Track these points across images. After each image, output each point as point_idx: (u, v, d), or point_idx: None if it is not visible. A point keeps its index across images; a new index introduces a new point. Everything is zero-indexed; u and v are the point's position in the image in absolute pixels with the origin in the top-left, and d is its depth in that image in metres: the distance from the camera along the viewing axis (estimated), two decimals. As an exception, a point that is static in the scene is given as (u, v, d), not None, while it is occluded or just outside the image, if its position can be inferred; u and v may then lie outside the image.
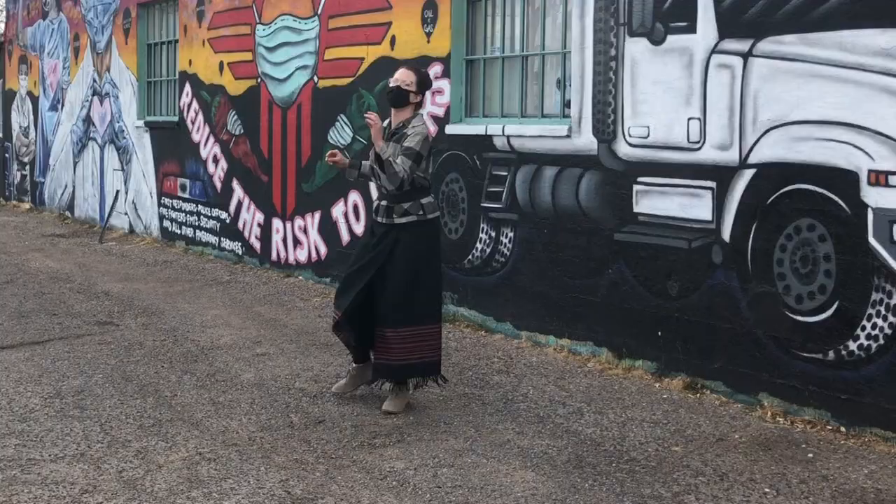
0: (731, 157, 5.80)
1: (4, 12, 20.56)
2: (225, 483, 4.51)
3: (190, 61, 11.98)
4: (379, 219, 5.56)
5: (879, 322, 5.07)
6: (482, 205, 7.67)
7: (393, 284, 5.47)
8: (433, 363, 5.58)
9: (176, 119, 12.49)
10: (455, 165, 7.90)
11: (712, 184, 5.92)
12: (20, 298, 9.02)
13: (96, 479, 4.58)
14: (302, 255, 9.98)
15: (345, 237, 9.27)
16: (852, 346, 5.18)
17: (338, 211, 9.38)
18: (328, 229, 9.52)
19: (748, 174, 5.71)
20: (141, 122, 13.35)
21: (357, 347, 5.73)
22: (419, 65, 8.12)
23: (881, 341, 5.08)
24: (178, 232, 12.42)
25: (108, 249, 12.52)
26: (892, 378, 5.04)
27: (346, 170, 5.76)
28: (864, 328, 5.14)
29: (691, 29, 6.01)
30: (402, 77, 5.54)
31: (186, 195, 12.19)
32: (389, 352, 5.49)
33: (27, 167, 17.96)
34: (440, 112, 8.04)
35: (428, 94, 8.01)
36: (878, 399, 5.08)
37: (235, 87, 10.99)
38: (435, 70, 8.03)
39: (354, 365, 5.82)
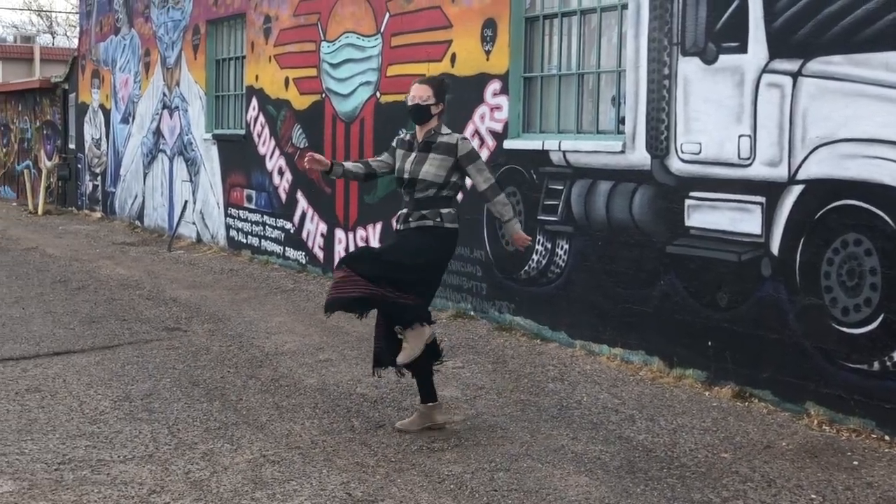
0: (781, 173, 5.89)
1: (78, 28, 20.89)
2: (288, 485, 4.60)
3: (257, 76, 12.23)
4: (399, 226, 5.54)
5: (924, 334, 5.13)
6: (538, 217, 7.78)
7: (396, 258, 5.36)
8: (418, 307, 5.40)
9: (243, 132, 12.71)
10: (512, 179, 8.03)
11: (762, 199, 6.00)
12: (91, 304, 9.21)
13: (164, 480, 4.66)
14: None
15: None
16: (897, 357, 5.24)
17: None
18: (389, 240, 9.73)
19: (797, 190, 5.80)
20: (209, 135, 13.59)
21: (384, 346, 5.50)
22: (478, 82, 8.35)
23: (926, 353, 5.13)
24: (244, 241, 12.64)
25: (176, 258, 12.73)
26: (937, 389, 5.10)
27: (329, 171, 5.60)
28: (908, 340, 5.21)
29: (742, 49, 6.11)
30: (419, 93, 5.43)
31: (252, 206, 12.41)
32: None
33: (99, 177, 18.24)
34: (499, 127, 8.18)
35: (485, 108, 8.23)
36: (922, 409, 5.14)
37: (300, 102, 11.23)
38: (494, 87, 8.20)
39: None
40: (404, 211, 5.50)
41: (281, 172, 11.63)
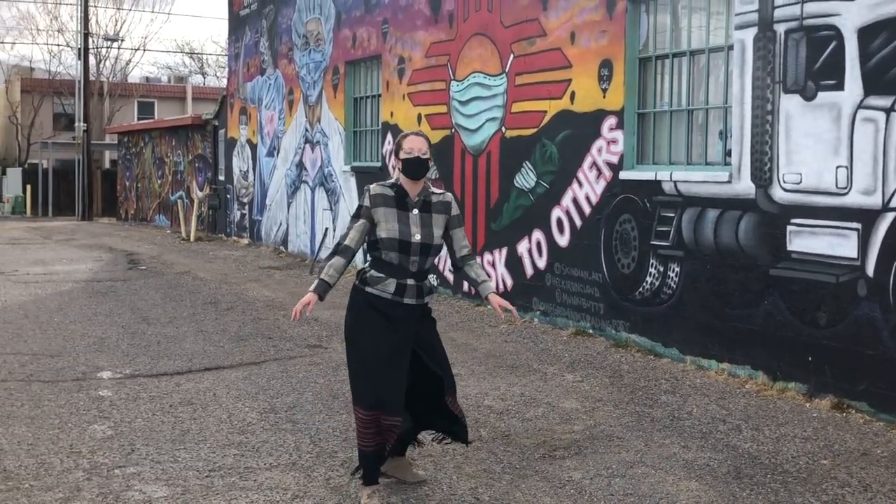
0: (875, 201, 6.15)
1: (227, 69, 21.46)
2: (420, 489, 4.78)
3: (391, 113, 12.78)
4: (407, 300, 4.62)
5: None
6: (651, 243, 8.09)
7: (440, 353, 4.81)
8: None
9: (378, 164, 13.24)
10: (627, 208, 8.38)
11: (858, 225, 6.26)
12: (239, 324, 9.60)
13: (306, 486, 4.81)
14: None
15: (528, 271, 9.82)
16: (984, 371, 5.47)
17: (522, 247, 9.93)
18: (514, 264, 10.05)
19: (890, 217, 6.05)
20: (347, 167, 14.16)
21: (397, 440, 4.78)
22: (595, 118, 8.76)
23: None
24: None
25: None
26: None
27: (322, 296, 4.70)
28: None
29: (839, 87, 6.38)
30: (420, 146, 4.69)
31: None
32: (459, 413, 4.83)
33: (246, 207, 18.88)
34: (615, 160, 8.54)
35: (602, 142, 8.70)
36: None
37: (432, 137, 11.19)
38: (610, 122, 8.58)
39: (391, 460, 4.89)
40: (410, 282, 4.63)
41: (414, 201, 12.13)
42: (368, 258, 4.77)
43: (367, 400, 4.57)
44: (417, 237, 4.62)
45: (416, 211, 4.66)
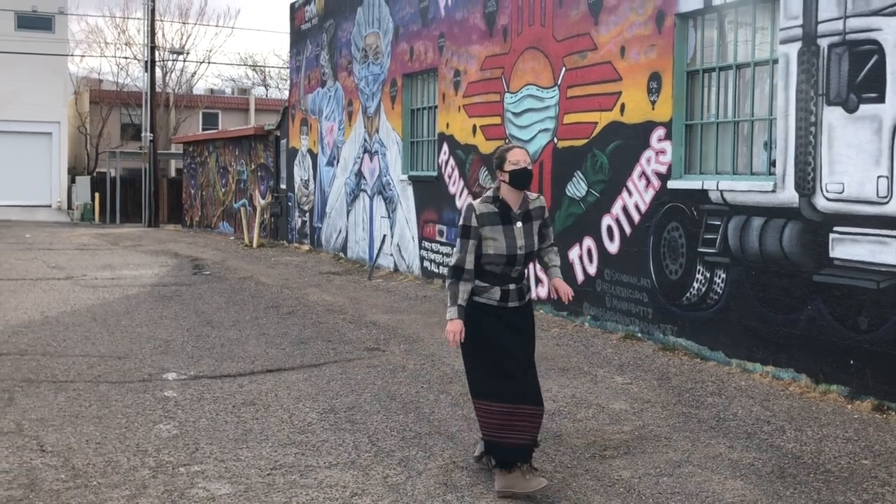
0: None
1: (288, 81, 21.73)
2: (475, 488, 4.87)
3: (447, 124, 13.03)
4: (511, 304, 4.87)
5: None
6: (698, 250, 8.25)
7: (532, 363, 4.96)
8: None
9: (435, 174, 13.50)
10: (675, 216, 8.55)
11: None
12: (300, 327, 9.73)
13: (365, 484, 4.91)
14: (542, 292, 10.70)
15: (580, 276, 10.01)
16: None
17: (574, 254, 10.12)
18: (565, 270, 10.10)
19: None
20: (405, 176, 14.44)
21: None
22: (645, 129, 8.96)
23: None
24: (436, 271, 13.31)
25: (375, 286, 13.30)
26: None
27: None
28: None
29: (881, 99, 6.52)
30: (525, 157, 4.87)
31: (443, 239, 13.09)
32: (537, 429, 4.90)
33: (307, 214, 19.18)
34: (663, 169, 8.73)
35: (651, 153, 8.97)
36: None
37: (486, 147, 11.91)
38: (658, 133, 8.78)
39: None
40: (512, 287, 4.87)
41: (469, 210, 12.37)
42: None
43: (486, 392, 4.80)
44: (523, 249, 4.83)
45: (519, 224, 4.85)
